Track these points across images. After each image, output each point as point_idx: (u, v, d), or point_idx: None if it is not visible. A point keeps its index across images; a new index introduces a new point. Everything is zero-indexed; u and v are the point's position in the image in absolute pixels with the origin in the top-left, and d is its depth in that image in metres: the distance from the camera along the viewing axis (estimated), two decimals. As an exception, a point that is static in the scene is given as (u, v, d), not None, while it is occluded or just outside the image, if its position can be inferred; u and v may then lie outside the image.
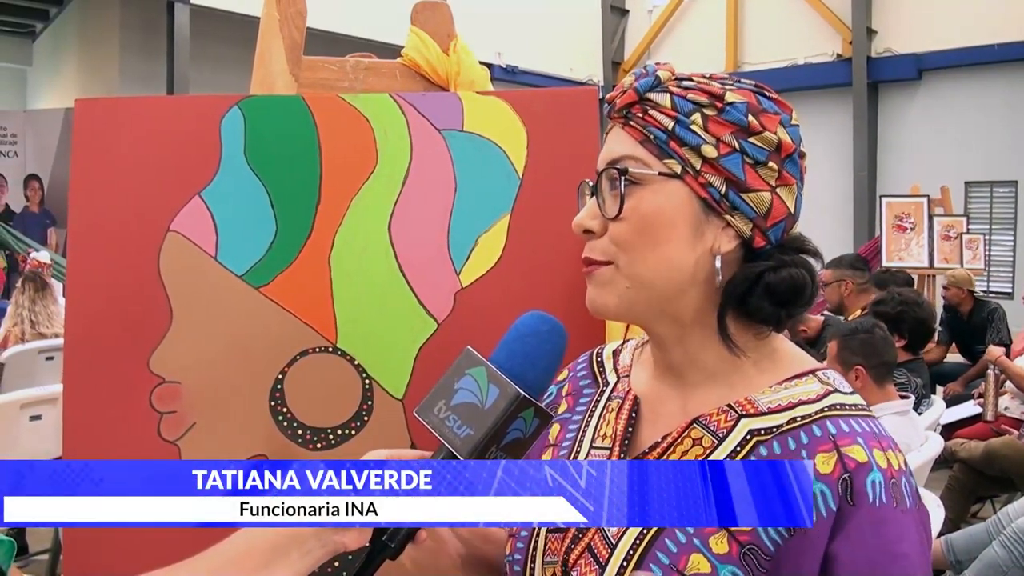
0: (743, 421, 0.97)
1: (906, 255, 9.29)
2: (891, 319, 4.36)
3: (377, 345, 1.59)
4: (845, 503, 0.88)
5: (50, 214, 11.02)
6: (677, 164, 0.96)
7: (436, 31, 1.86)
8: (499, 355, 0.97)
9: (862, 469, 0.89)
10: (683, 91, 0.98)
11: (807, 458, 0.91)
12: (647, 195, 0.97)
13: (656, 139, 0.97)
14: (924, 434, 3.61)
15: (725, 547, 0.91)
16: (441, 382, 0.97)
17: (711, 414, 0.99)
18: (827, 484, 0.89)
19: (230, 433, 1.56)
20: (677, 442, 1.00)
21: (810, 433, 0.93)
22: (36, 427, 4.37)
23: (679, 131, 0.96)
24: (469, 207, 1.61)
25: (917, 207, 9.46)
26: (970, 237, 9.30)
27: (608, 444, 1.07)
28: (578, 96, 1.69)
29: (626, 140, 0.99)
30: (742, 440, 0.96)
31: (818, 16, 14.57)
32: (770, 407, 0.97)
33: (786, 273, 0.97)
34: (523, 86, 13.26)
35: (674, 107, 0.97)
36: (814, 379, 0.99)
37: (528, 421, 0.93)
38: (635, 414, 1.07)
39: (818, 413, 0.94)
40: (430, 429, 0.94)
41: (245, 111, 1.61)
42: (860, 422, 0.94)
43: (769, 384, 0.99)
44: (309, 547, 0.88)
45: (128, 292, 1.57)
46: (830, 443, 0.91)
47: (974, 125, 13.17)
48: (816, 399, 0.96)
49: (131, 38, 12.68)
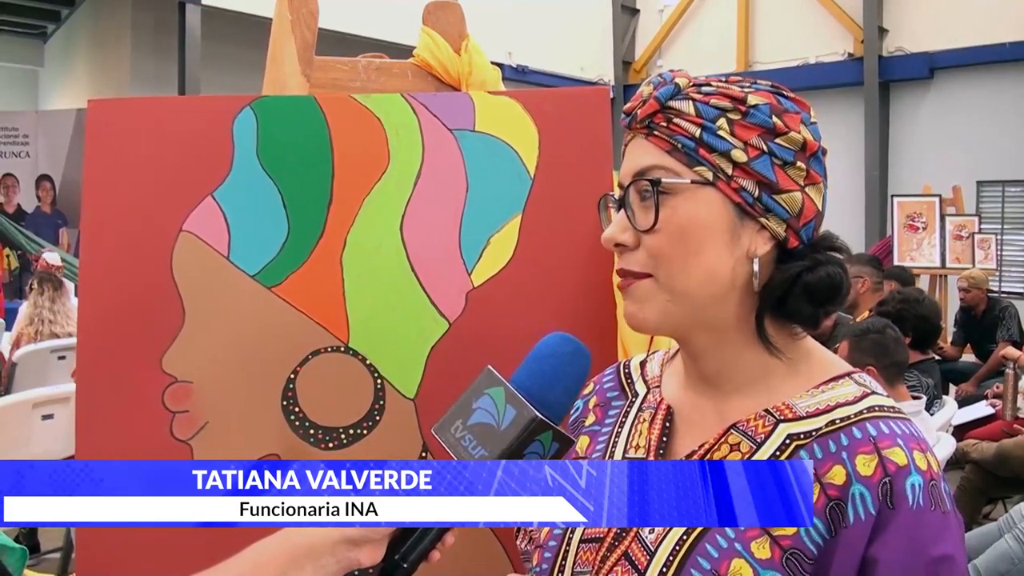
0: (781, 426, 0.96)
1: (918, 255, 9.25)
2: (892, 318, 4.35)
3: (389, 345, 1.59)
4: (885, 507, 0.88)
5: (62, 214, 11.07)
6: (708, 171, 0.95)
7: (448, 31, 1.86)
8: (519, 375, 0.96)
9: (902, 472, 0.89)
10: (705, 97, 0.97)
11: (848, 460, 0.90)
12: (681, 204, 0.96)
13: (684, 147, 0.96)
14: (936, 435, 3.60)
15: (767, 552, 0.90)
16: (460, 401, 0.95)
17: (748, 420, 0.99)
18: (867, 487, 0.89)
19: (242, 432, 1.57)
20: (714, 448, 0.99)
21: (850, 435, 0.92)
22: (48, 426, 4.38)
23: (707, 137, 0.95)
24: (481, 207, 1.61)
25: (929, 207, 9.42)
26: (982, 237, 9.26)
27: (642, 455, 1.06)
28: (589, 96, 1.69)
29: (652, 150, 0.98)
30: (781, 445, 0.95)
31: (829, 15, 14.52)
32: (808, 411, 0.96)
33: (824, 272, 0.97)
34: (533, 86, 13.25)
35: (698, 113, 0.96)
36: (850, 382, 0.99)
37: (546, 445, 0.91)
38: (668, 424, 1.06)
39: (857, 415, 0.94)
40: (446, 448, 0.93)
41: (257, 111, 1.62)
42: (899, 424, 0.94)
43: (806, 388, 0.99)
44: (323, 563, 0.88)
45: (140, 292, 1.58)
46: (871, 445, 0.91)
47: (986, 124, 13.10)
48: (854, 401, 0.96)
49: (142, 39, 12.72)
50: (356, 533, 0.88)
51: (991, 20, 12.80)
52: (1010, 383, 5.33)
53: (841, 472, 0.90)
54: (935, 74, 13.75)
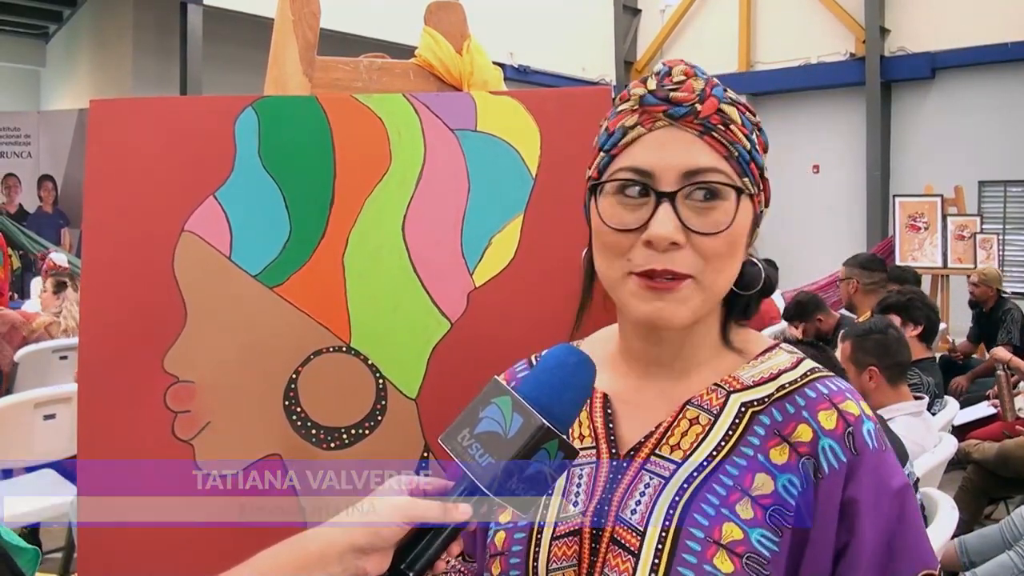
0: (733, 396, 1.04)
1: (919, 255, 9.26)
2: (903, 307, 4.35)
3: (391, 345, 1.59)
4: (851, 454, 0.97)
5: (63, 214, 11.09)
6: (752, 184, 1.01)
7: (449, 31, 1.86)
8: (525, 386, 0.96)
9: (858, 421, 0.99)
10: (741, 108, 1.02)
11: (811, 418, 0.99)
12: (731, 209, 0.99)
13: (740, 157, 1.00)
14: (938, 435, 3.59)
15: (751, 512, 0.96)
16: (466, 410, 0.95)
17: (701, 395, 1.05)
18: (834, 439, 0.98)
19: (244, 432, 1.57)
20: (674, 425, 1.04)
21: (804, 396, 1.01)
22: (50, 426, 4.38)
23: (755, 153, 1.02)
24: (482, 207, 1.61)
25: (931, 207, 9.43)
26: (984, 237, 9.27)
27: (590, 443, 1.08)
28: (591, 96, 1.69)
29: (709, 152, 0.99)
30: (738, 413, 1.02)
31: (831, 15, 14.51)
32: (754, 380, 1.05)
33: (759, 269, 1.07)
34: (535, 86, 13.25)
35: (743, 124, 1.01)
36: (781, 351, 1.09)
37: (552, 453, 0.91)
38: (609, 410, 1.09)
39: (803, 378, 1.04)
40: (453, 457, 0.93)
41: (259, 112, 1.62)
42: (836, 381, 1.04)
43: (746, 361, 1.07)
44: (331, 571, 0.88)
45: (142, 292, 1.58)
46: (827, 402, 1.01)
47: (988, 124, 13.10)
48: (793, 367, 1.05)
49: (144, 39, 12.72)
50: (364, 541, 0.89)
51: (993, 20, 12.80)
52: (1003, 385, 5.35)
53: (807, 430, 0.99)
54: (937, 74, 13.74)
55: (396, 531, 0.90)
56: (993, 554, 3.42)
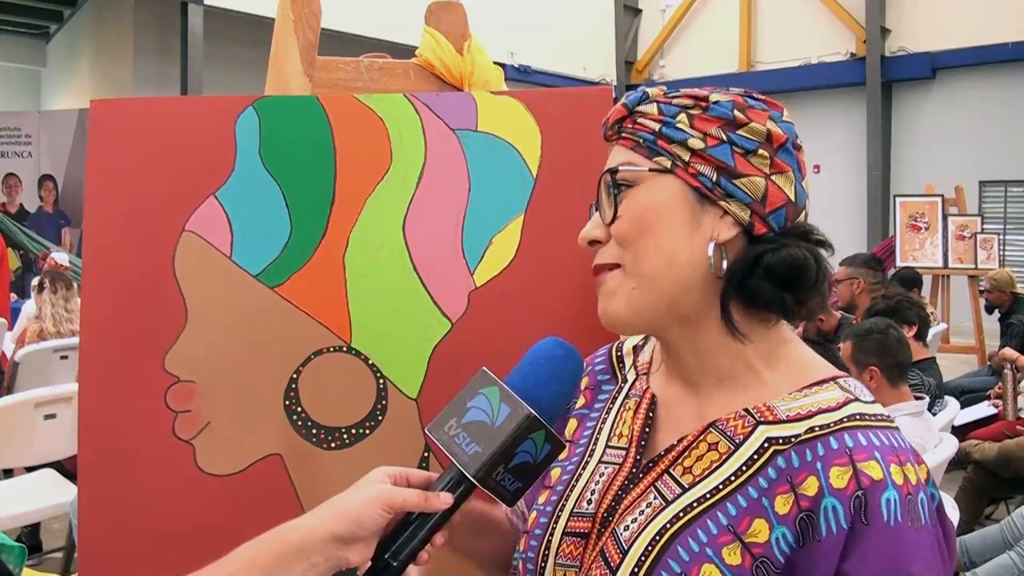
0: (761, 428, 0.96)
1: (920, 255, 9.27)
2: (892, 311, 4.35)
3: (391, 345, 1.59)
4: (859, 522, 0.87)
5: (64, 214, 11.10)
6: (667, 159, 1.00)
7: (450, 31, 1.86)
8: (513, 377, 0.98)
9: (877, 487, 0.87)
10: (669, 99, 1.03)
11: (821, 472, 0.90)
12: (640, 192, 1.01)
13: (645, 141, 1.01)
14: (938, 435, 3.60)
15: (738, 559, 0.91)
16: (454, 401, 0.97)
17: (728, 419, 0.99)
18: (839, 500, 0.88)
19: (244, 432, 1.57)
20: (693, 446, 1.00)
21: (827, 446, 0.91)
22: (50, 426, 4.39)
23: (665, 130, 1.00)
24: (483, 207, 1.61)
25: (931, 206, 9.44)
26: (984, 237, 9.27)
27: (624, 444, 1.07)
28: (592, 96, 1.69)
29: (620, 152, 1.05)
30: (760, 448, 0.95)
31: (832, 15, 14.52)
32: (789, 415, 0.95)
33: (785, 252, 0.96)
34: (536, 86, 13.26)
35: (660, 112, 1.02)
36: (835, 387, 0.98)
37: (539, 444, 0.93)
38: (652, 414, 1.08)
39: (837, 424, 0.93)
40: (440, 446, 0.94)
41: (260, 111, 1.62)
42: (880, 434, 0.92)
43: (789, 391, 0.99)
44: (314, 561, 0.88)
45: (143, 292, 1.58)
46: (846, 457, 0.90)
47: (988, 124, 13.11)
48: (836, 408, 0.95)
49: (145, 39, 12.74)
50: (345, 530, 0.89)
51: (994, 20, 12.81)
52: (1008, 384, 5.35)
53: (814, 483, 0.90)
54: (937, 74, 13.76)
55: (377, 520, 0.90)
56: (994, 554, 3.42)
